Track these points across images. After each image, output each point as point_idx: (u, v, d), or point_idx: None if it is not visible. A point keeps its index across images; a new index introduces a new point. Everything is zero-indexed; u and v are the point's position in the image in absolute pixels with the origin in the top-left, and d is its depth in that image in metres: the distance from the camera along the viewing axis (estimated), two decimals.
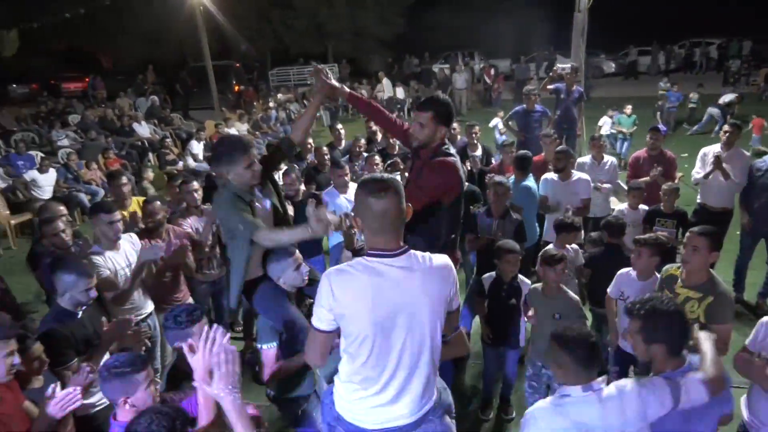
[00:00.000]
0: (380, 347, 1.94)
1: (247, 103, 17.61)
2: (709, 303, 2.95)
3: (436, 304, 1.97)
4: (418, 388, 2.01)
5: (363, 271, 1.91)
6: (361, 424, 2.04)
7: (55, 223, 3.91)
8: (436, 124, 2.90)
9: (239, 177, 2.83)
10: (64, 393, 2.34)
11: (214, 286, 4.68)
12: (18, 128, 13.99)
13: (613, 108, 11.29)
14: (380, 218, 1.91)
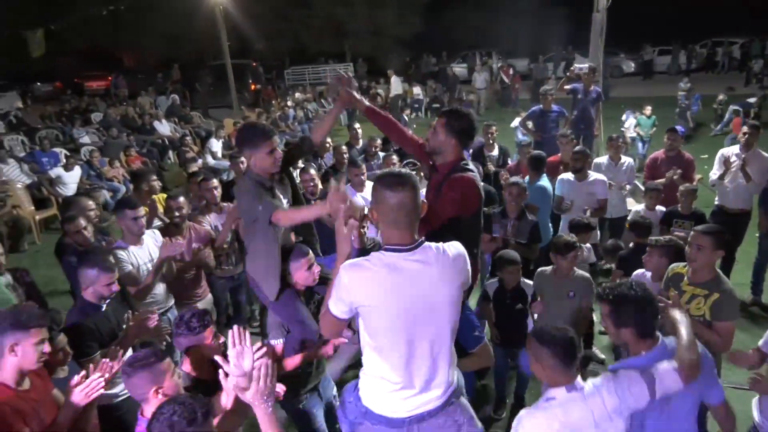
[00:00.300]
0: (403, 340, 1.99)
1: (266, 102, 17.78)
2: (714, 300, 2.99)
3: (455, 292, 2.04)
4: (444, 373, 2.09)
5: (381, 267, 1.96)
6: (393, 414, 2.11)
7: (77, 220, 4.02)
8: (447, 134, 2.84)
9: (261, 161, 2.87)
10: (88, 381, 2.43)
11: (232, 282, 4.78)
12: (42, 126, 14.27)
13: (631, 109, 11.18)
14: (396, 211, 1.97)
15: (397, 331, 1.99)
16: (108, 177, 9.86)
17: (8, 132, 13.31)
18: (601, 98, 7.62)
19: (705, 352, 2.33)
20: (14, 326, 2.32)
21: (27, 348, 2.34)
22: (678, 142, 5.81)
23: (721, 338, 2.97)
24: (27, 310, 2.46)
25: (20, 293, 3.80)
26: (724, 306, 2.98)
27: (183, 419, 1.80)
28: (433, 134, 2.89)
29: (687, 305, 3.05)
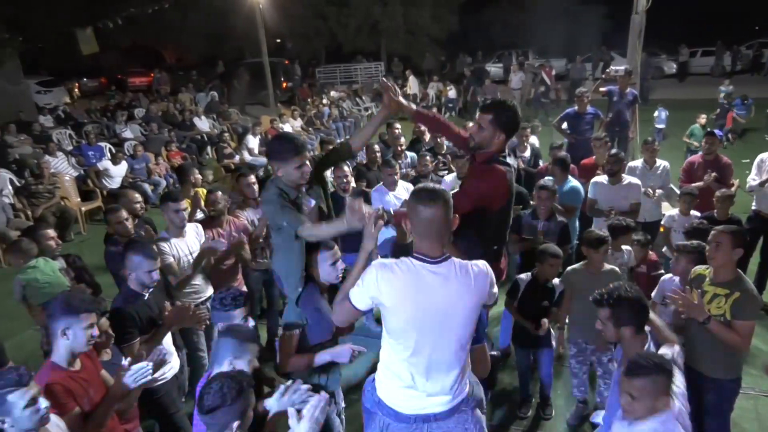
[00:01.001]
0: (417, 343, 2.12)
1: (301, 100, 18.04)
2: (735, 299, 3.02)
3: (469, 310, 2.14)
4: (452, 381, 2.19)
5: (406, 272, 2.09)
6: (400, 409, 2.23)
7: (119, 212, 4.28)
8: (495, 128, 2.85)
9: (288, 175, 2.93)
10: (138, 366, 2.58)
11: (266, 275, 4.93)
12: (88, 120, 14.82)
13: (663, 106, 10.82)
14: (427, 225, 2.09)
15: (409, 334, 2.11)
16: (152, 172, 10.20)
17: (57, 126, 13.87)
18: (637, 101, 7.53)
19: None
20: (66, 311, 2.49)
21: (78, 331, 2.50)
22: (716, 146, 5.73)
23: (741, 337, 3.00)
24: (78, 295, 2.62)
25: (72, 277, 4.04)
26: (744, 305, 3.01)
27: (233, 389, 2.00)
28: (479, 130, 2.88)
29: (708, 305, 3.10)
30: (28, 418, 2.07)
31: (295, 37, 27.58)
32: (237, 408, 2.04)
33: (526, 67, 18.72)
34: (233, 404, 2.03)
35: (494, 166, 2.86)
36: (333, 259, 3.00)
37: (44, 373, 2.42)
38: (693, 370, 3.16)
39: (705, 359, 3.17)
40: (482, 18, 29.65)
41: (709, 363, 3.17)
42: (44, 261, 3.98)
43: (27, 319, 5.33)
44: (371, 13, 26.63)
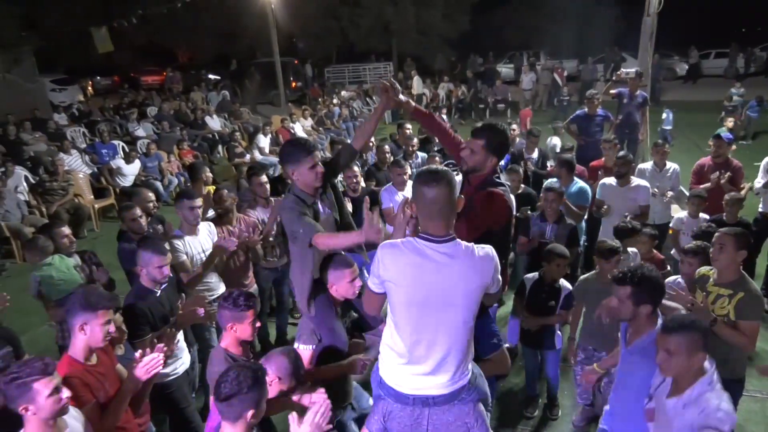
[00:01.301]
0: (417, 321, 2.17)
1: (312, 100, 18.13)
2: (739, 299, 3.05)
3: (472, 291, 2.16)
4: (453, 364, 2.22)
5: (410, 250, 2.14)
6: (399, 388, 2.28)
7: (133, 209, 4.35)
8: (487, 153, 2.86)
9: (302, 177, 2.98)
10: (149, 358, 2.65)
11: (276, 273, 5.00)
12: (101, 118, 14.99)
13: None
14: (431, 206, 2.14)
15: (411, 310, 2.17)
16: (163, 169, 10.31)
17: (71, 124, 14.04)
18: (647, 103, 7.53)
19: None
20: (84, 307, 2.56)
21: (95, 327, 2.57)
22: (723, 149, 5.71)
23: (746, 337, 3.03)
24: (96, 292, 2.69)
25: (87, 274, 4.12)
26: (748, 305, 3.04)
27: (248, 379, 2.09)
28: (471, 154, 2.88)
29: (712, 305, 3.14)
30: (51, 406, 2.15)
31: (306, 36, 27.68)
32: (252, 397, 2.10)
33: (544, 65, 18.67)
34: (248, 393, 2.09)
35: (493, 191, 2.86)
36: (352, 276, 3.00)
37: (62, 366, 2.49)
38: None
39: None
40: (494, 18, 29.61)
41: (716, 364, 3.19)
42: (60, 258, 4.07)
43: (42, 315, 5.42)
44: (383, 13, 26.69)
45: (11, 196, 7.94)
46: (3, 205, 7.73)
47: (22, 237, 7.76)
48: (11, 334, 3.19)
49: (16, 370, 2.16)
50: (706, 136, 8.86)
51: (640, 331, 2.71)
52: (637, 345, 2.72)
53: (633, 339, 2.76)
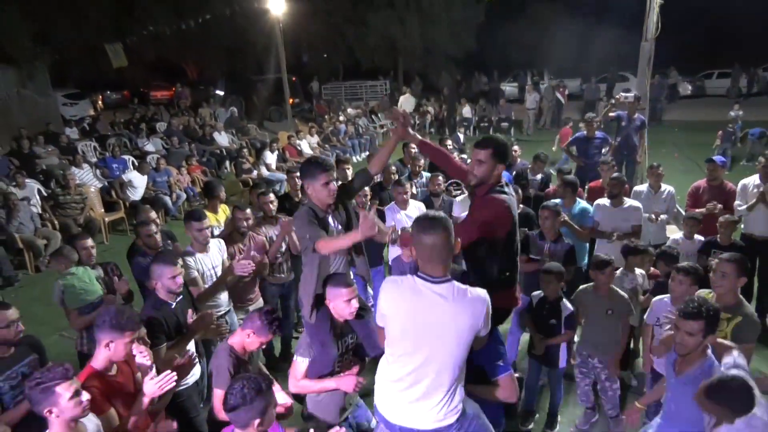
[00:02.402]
0: (409, 353, 2.34)
1: (318, 116, 18.41)
2: (736, 323, 3.23)
3: (462, 332, 2.29)
4: (438, 398, 2.34)
5: (408, 287, 2.33)
6: (387, 416, 2.44)
7: (149, 225, 4.57)
8: (494, 162, 3.00)
9: (316, 192, 3.18)
10: (161, 376, 2.81)
11: (282, 289, 5.18)
12: (111, 133, 15.28)
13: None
14: (429, 250, 2.31)
15: (403, 344, 2.34)
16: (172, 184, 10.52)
17: (82, 138, 14.34)
18: (645, 126, 7.72)
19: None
20: (113, 327, 2.75)
21: (119, 346, 2.77)
22: (717, 172, 5.88)
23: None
24: (126, 314, 2.87)
25: (109, 285, 4.31)
26: (744, 328, 3.22)
27: (252, 390, 2.25)
28: (480, 164, 3.02)
29: None
30: (73, 408, 2.34)
31: (313, 53, 28.09)
32: (257, 407, 2.27)
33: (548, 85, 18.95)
34: (252, 404, 2.25)
35: (494, 196, 2.99)
36: (348, 296, 3.08)
37: (83, 375, 2.67)
38: None
39: None
40: (499, 38, 29.95)
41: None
42: (83, 269, 4.25)
43: (53, 324, 5.61)
44: (389, 31, 27.08)
45: (25, 209, 8.16)
46: (17, 218, 7.93)
47: (34, 249, 7.98)
48: (37, 342, 3.37)
49: (39, 376, 2.35)
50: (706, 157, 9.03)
51: (693, 361, 2.84)
52: (689, 375, 2.84)
53: (684, 369, 2.89)
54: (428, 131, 18.62)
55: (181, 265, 3.66)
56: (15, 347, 3.13)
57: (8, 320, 3.07)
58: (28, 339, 3.26)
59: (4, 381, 2.99)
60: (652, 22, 7.32)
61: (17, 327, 3.11)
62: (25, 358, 3.16)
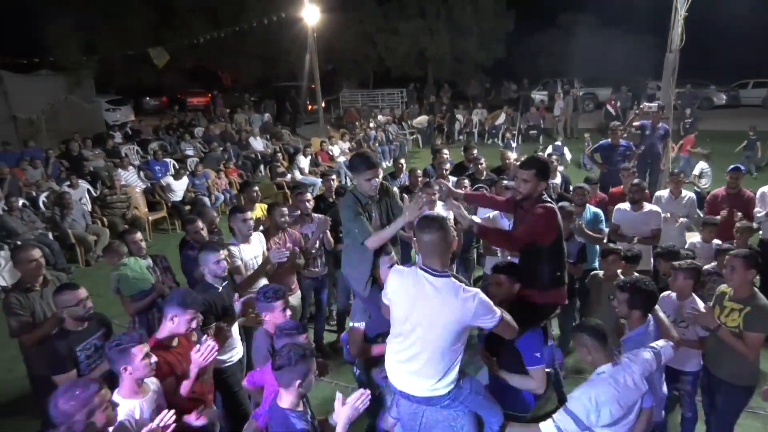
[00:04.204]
0: (406, 331, 2.71)
1: (349, 123, 18.88)
2: (747, 312, 3.48)
3: (449, 323, 2.60)
4: (429, 373, 2.69)
5: (410, 276, 2.72)
6: (393, 382, 2.86)
7: (196, 223, 5.09)
8: (538, 180, 3.32)
9: (360, 186, 3.58)
10: (205, 346, 3.18)
11: (316, 282, 5.55)
12: (153, 137, 16.02)
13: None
14: (427, 246, 2.67)
15: (404, 324, 2.72)
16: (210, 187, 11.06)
17: (125, 142, 15.09)
18: (669, 135, 7.89)
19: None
20: (179, 304, 3.17)
21: (182, 321, 3.19)
22: (740, 180, 6.05)
23: (748, 347, 3.44)
24: (192, 294, 3.31)
25: (157, 275, 4.76)
26: (754, 318, 3.47)
27: (297, 355, 2.62)
28: (525, 183, 3.35)
29: (726, 318, 3.60)
30: (144, 367, 2.76)
31: (344, 62, 28.63)
32: (299, 370, 2.61)
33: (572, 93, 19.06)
34: (295, 366, 2.61)
35: (543, 206, 3.28)
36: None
37: (150, 344, 3.07)
38: (713, 376, 3.73)
39: (722, 365, 3.64)
40: (529, 46, 30.08)
41: (725, 368, 3.63)
42: (134, 260, 4.71)
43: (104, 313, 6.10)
44: (419, 40, 27.49)
45: (77, 207, 8.76)
46: (71, 215, 8.53)
47: (85, 244, 8.56)
48: (105, 318, 3.80)
49: (118, 339, 2.77)
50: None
51: (631, 328, 3.38)
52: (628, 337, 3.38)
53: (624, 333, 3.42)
54: (457, 138, 18.92)
55: (225, 254, 4.09)
56: (87, 322, 3.56)
57: (79, 298, 3.49)
58: (97, 315, 3.69)
59: (81, 351, 3.42)
60: (677, 33, 7.50)
61: (87, 304, 3.54)
62: (97, 332, 3.59)
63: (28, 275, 4.02)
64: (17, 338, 3.95)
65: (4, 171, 10.06)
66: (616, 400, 2.71)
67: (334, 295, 6.15)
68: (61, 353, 3.34)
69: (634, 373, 2.82)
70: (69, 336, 3.45)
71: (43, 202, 9.50)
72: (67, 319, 3.47)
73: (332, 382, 5.00)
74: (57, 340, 3.42)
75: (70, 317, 3.45)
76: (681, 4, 7.36)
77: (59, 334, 3.47)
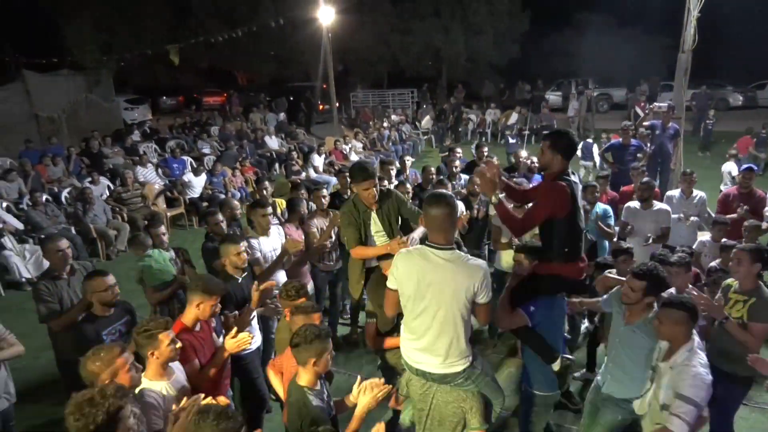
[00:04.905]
0: (418, 309, 2.81)
1: (363, 122, 19.04)
2: (751, 303, 3.60)
3: (459, 290, 2.73)
4: (442, 347, 2.81)
5: (418, 254, 2.82)
6: (407, 360, 2.97)
7: (216, 215, 5.27)
8: (552, 152, 3.36)
9: (360, 194, 3.76)
10: (243, 334, 3.36)
11: (331, 276, 5.71)
12: (170, 136, 16.30)
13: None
14: (435, 221, 2.79)
15: (414, 300, 2.81)
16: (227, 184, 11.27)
17: (143, 140, 15.38)
18: (679, 134, 7.94)
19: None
20: (204, 290, 3.34)
21: (206, 307, 3.35)
22: (753, 180, 6.11)
23: (753, 337, 3.54)
24: (215, 281, 3.49)
25: (179, 267, 4.95)
26: (758, 309, 3.57)
27: (312, 334, 2.77)
28: (542, 154, 3.46)
29: (730, 309, 3.70)
30: (169, 352, 2.92)
31: (358, 62, 28.78)
32: (314, 348, 2.76)
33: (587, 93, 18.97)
34: (311, 344, 2.76)
35: (555, 182, 3.36)
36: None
37: (175, 329, 3.23)
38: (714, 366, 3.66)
39: (724, 355, 3.69)
40: (543, 46, 29.98)
41: (727, 359, 3.68)
42: (158, 252, 4.91)
43: None
44: (433, 40, 27.55)
45: (99, 203, 9.00)
46: (92, 210, 8.77)
47: (106, 238, 8.80)
48: (130, 306, 4.00)
49: (146, 325, 2.92)
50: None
51: (639, 314, 3.33)
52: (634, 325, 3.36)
53: (632, 320, 3.37)
54: (470, 138, 19.01)
55: (245, 247, 4.25)
56: (113, 308, 3.73)
57: (107, 285, 3.69)
58: (122, 303, 3.88)
59: (106, 335, 3.61)
60: (689, 34, 7.53)
61: (115, 290, 3.72)
62: (122, 318, 3.78)
63: (56, 264, 4.22)
64: (46, 324, 4.14)
65: (27, 167, 10.35)
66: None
67: (348, 289, 6.28)
68: (88, 336, 3.54)
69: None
70: (96, 321, 3.65)
71: (65, 198, 9.78)
72: (96, 305, 3.66)
73: (346, 373, 5.15)
74: (85, 324, 3.62)
75: (99, 302, 3.65)
76: (694, 5, 7.40)
77: (87, 318, 3.68)
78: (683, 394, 2.82)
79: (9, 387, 3.82)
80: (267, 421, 4.41)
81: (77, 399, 2.13)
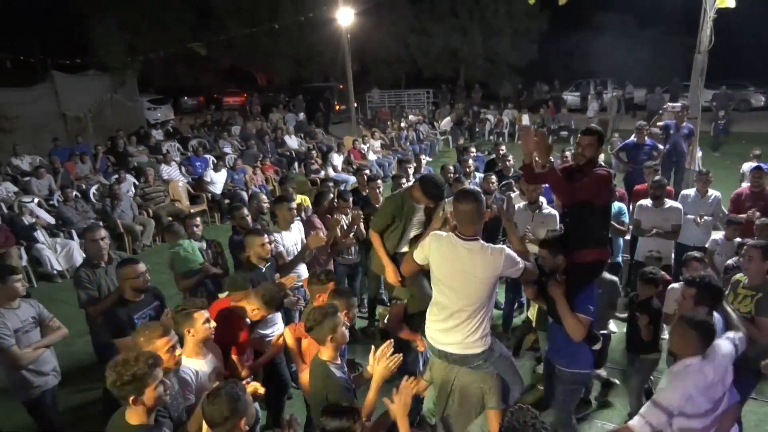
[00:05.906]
0: (445, 291, 3.04)
1: (381, 122, 19.25)
2: (758, 298, 3.71)
3: (483, 278, 2.94)
4: (463, 330, 3.00)
5: (447, 241, 3.04)
6: (431, 340, 3.18)
7: (242, 209, 5.52)
8: (598, 145, 3.63)
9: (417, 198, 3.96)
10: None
11: (350, 269, 5.92)
12: (192, 135, 16.67)
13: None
14: (463, 215, 3.00)
15: (442, 284, 3.05)
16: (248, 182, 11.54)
17: (166, 139, 15.76)
18: (693, 134, 8.00)
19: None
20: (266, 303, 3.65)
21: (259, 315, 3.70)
22: (764, 179, 6.17)
23: (760, 331, 3.65)
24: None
25: (209, 257, 5.20)
26: (766, 303, 3.68)
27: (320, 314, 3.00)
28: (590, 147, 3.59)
29: (739, 304, 3.82)
30: (204, 331, 3.15)
31: (377, 62, 29.00)
32: (326, 326, 2.96)
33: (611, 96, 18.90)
34: (322, 324, 2.96)
35: (605, 169, 3.57)
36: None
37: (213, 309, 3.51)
38: None
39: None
40: (562, 47, 29.89)
41: None
42: (189, 242, 5.17)
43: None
44: (451, 41, 27.66)
45: (126, 199, 9.32)
46: (120, 206, 9.09)
47: (132, 233, 9.11)
48: (160, 292, 4.25)
49: (183, 305, 3.16)
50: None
51: None
52: None
53: None
54: (488, 138, 19.11)
55: (269, 239, 4.48)
56: (144, 294, 3.98)
57: (138, 272, 3.93)
58: (152, 289, 4.14)
59: (138, 319, 3.85)
60: (706, 35, 7.59)
61: (145, 277, 3.96)
62: (152, 304, 4.03)
63: (95, 252, 4.50)
64: (85, 310, 4.41)
65: (57, 165, 10.72)
66: (706, 391, 2.79)
67: (366, 283, 6.49)
68: (121, 319, 3.80)
69: (719, 367, 2.87)
70: (128, 305, 3.91)
71: (93, 194, 10.12)
72: (127, 290, 3.91)
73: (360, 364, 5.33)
74: (118, 308, 3.88)
75: (131, 288, 3.89)
76: (710, 5, 7.46)
77: (120, 302, 3.93)
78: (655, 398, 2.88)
79: (56, 365, 4.11)
80: (287, 407, 4.62)
81: (119, 357, 2.54)
